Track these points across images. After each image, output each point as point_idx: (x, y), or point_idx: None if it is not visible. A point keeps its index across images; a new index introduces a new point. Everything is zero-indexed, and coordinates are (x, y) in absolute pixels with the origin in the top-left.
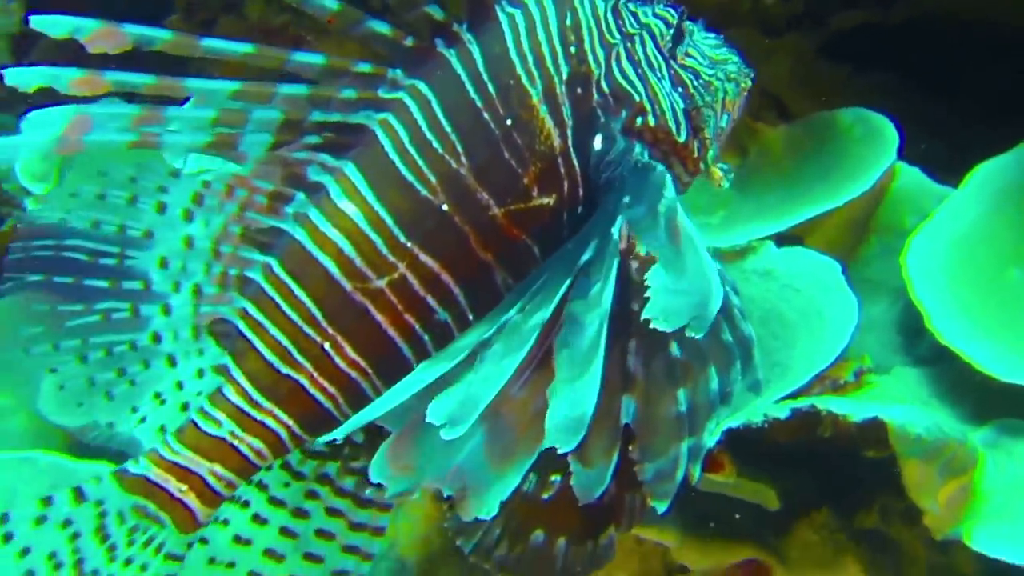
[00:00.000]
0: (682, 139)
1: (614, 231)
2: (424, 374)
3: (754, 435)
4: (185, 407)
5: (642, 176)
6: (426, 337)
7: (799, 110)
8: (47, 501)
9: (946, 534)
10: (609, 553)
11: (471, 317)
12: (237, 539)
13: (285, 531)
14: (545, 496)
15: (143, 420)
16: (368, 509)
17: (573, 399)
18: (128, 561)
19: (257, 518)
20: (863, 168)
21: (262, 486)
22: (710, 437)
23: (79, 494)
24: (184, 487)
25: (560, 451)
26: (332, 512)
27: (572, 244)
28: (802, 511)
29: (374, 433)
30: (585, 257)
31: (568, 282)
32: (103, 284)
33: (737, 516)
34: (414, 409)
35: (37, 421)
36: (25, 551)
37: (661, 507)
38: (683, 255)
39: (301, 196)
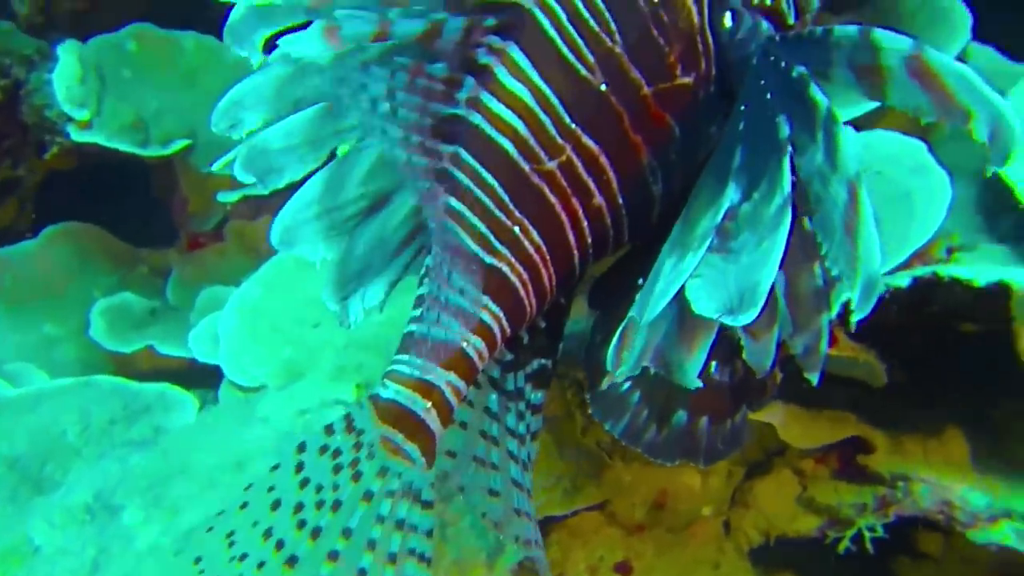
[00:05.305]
0: (791, 22)
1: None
2: (677, 271)
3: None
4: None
5: (783, 80)
6: (585, 223)
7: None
8: (330, 430)
9: None
10: (745, 431)
11: (621, 201)
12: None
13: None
14: None
15: None
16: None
17: (750, 269)
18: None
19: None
20: None
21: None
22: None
23: (349, 423)
24: (428, 404)
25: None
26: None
27: (743, 127)
28: (904, 390)
29: (536, 331)
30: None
31: (787, 163)
32: None
33: (841, 395)
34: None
35: (86, 350)
36: (304, 482)
37: (814, 379)
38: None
39: (471, 81)
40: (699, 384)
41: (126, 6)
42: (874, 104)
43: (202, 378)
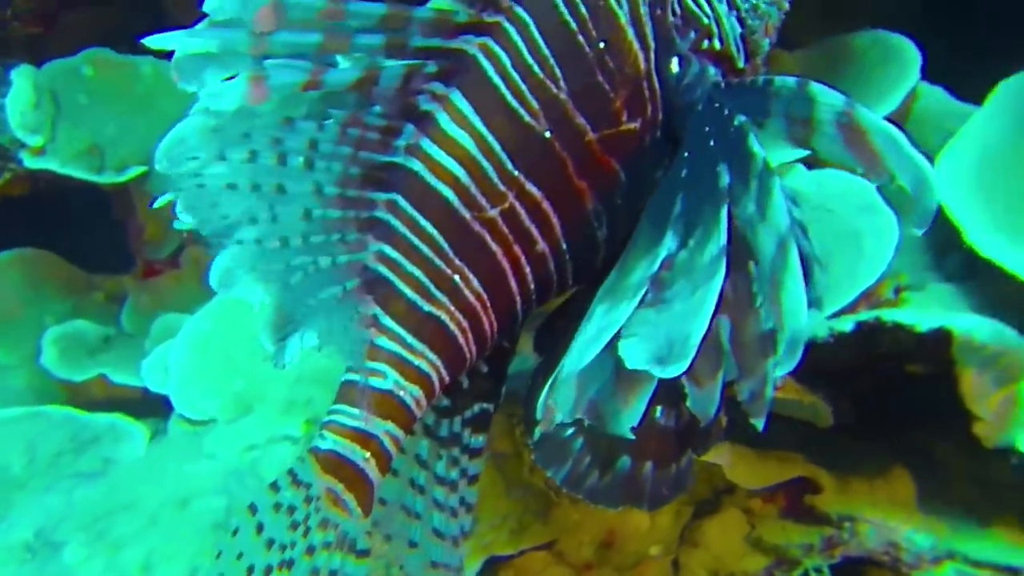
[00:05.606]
0: (740, 66)
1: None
2: (609, 319)
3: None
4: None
5: (725, 129)
6: (528, 269)
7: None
8: (276, 487)
9: (996, 442)
10: (690, 475)
11: (565, 247)
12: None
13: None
14: None
15: None
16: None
17: (682, 320)
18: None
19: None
20: (883, 93)
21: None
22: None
23: (294, 478)
24: (367, 454)
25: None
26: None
27: (686, 174)
28: (851, 429)
29: (477, 375)
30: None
31: (725, 212)
32: None
33: (788, 435)
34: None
35: (38, 378)
36: (270, 542)
37: (759, 424)
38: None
39: (411, 128)
40: (631, 437)
41: (82, 30)
42: None
43: (156, 408)
